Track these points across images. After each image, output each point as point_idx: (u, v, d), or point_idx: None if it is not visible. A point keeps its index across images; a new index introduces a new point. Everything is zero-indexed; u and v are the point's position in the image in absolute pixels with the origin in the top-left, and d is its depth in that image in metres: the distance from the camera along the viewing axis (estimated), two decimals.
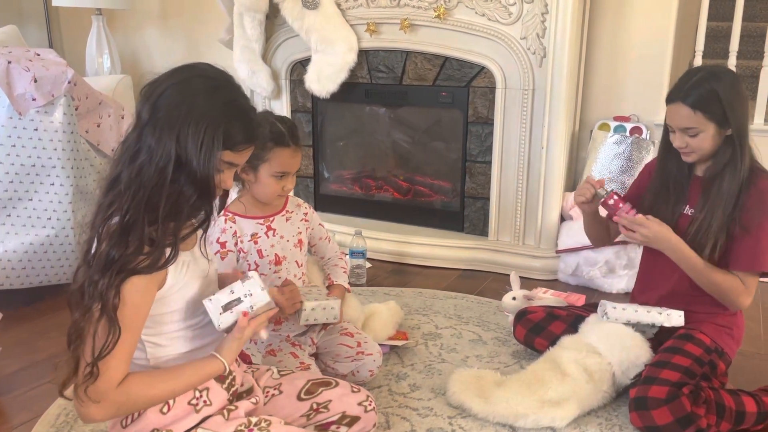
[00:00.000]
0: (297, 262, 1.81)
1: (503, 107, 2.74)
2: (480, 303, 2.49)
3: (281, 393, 1.39)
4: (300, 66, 3.15)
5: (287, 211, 1.82)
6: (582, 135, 2.99)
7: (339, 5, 2.92)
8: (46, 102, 2.24)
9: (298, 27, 2.97)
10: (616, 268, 2.58)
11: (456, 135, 2.97)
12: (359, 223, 3.05)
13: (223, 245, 1.71)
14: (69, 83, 2.28)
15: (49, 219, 2.31)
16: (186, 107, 1.11)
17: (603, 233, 1.95)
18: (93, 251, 1.11)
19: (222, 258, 1.69)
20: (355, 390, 1.44)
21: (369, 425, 1.43)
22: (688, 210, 1.75)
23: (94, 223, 1.14)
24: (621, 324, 1.73)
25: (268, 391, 1.39)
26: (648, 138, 2.80)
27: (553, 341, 1.85)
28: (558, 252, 2.73)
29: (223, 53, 3.32)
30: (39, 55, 2.36)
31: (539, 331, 1.94)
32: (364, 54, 2.98)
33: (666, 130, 1.74)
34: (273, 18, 3.11)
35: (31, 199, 2.29)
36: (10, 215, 2.29)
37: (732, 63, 2.78)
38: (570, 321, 1.90)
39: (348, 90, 3.03)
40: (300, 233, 1.83)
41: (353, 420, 1.40)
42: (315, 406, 1.39)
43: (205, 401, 1.23)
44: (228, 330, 1.24)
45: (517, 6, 2.59)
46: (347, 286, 1.93)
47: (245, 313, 1.23)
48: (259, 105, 3.27)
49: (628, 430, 1.65)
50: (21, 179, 2.27)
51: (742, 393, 1.67)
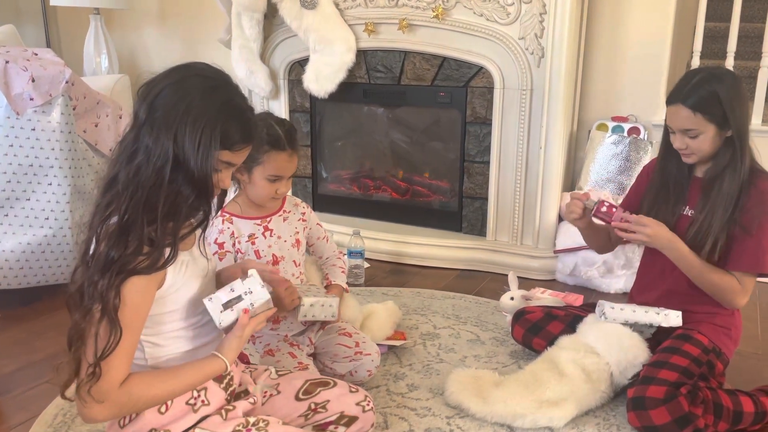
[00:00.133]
0: (294, 261, 1.81)
1: (501, 107, 2.75)
2: (478, 303, 2.49)
3: (279, 393, 1.39)
4: (298, 66, 3.15)
5: (284, 211, 1.82)
6: (580, 135, 2.99)
7: (337, 5, 2.92)
8: (43, 102, 2.23)
9: (296, 27, 2.97)
10: (614, 268, 2.59)
11: (454, 135, 2.97)
12: (357, 223, 3.05)
13: (221, 246, 1.71)
14: (67, 83, 2.28)
15: (47, 219, 2.30)
16: (183, 107, 1.11)
17: (604, 241, 1.95)
18: (91, 252, 1.11)
19: (220, 259, 1.69)
20: (354, 390, 1.44)
21: (367, 425, 1.43)
22: (687, 211, 1.75)
23: (92, 224, 1.13)
24: (619, 324, 1.73)
25: (266, 391, 1.39)
26: (646, 138, 2.80)
27: (551, 341, 1.85)
28: (556, 252, 2.73)
29: (222, 53, 3.31)
30: (37, 55, 2.35)
31: (537, 331, 1.94)
32: (362, 54, 2.98)
33: (666, 131, 1.74)
34: (271, 18, 3.10)
35: (29, 199, 2.29)
36: (7, 215, 2.29)
37: (730, 64, 2.79)
38: (568, 321, 1.90)
39: (346, 90, 3.03)
40: (297, 233, 1.83)
41: (351, 420, 1.40)
42: (313, 406, 1.38)
43: (203, 401, 1.23)
44: (228, 328, 1.24)
45: (516, 6, 2.59)
46: (345, 285, 1.93)
47: (246, 311, 1.23)
48: (258, 105, 3.27)
49: (625, 430, 1.65)
50: (18, 179, 2.26)
51: (739, 393, 1.67)
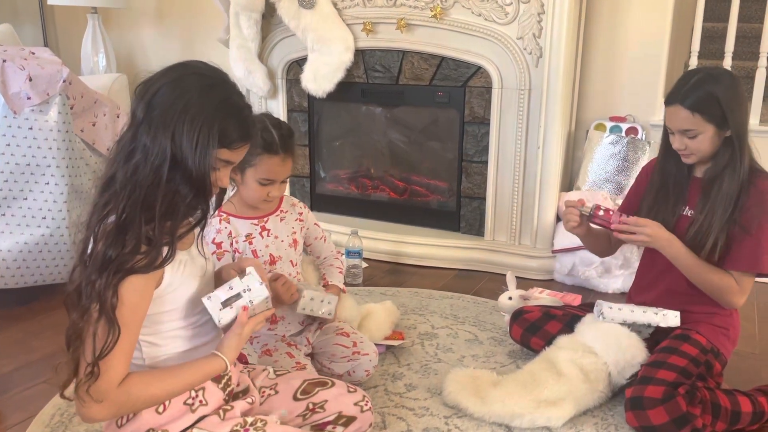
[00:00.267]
0: (291, 261, 1.81)
1: (499, 107, 2.75)
2: (476, 303, 2.49)
3: (277, 393, 1.39)
4: (296, 65, 3.15)
5: (282, 211, 1.81)
6: (578, 135, 2.99)
7: (335, 5, 2.92)
8: (41, 101, 2.23)
9: (294, 26, 2.96)
10: (612, 268, 2.59)
11: (452, 135, 2.97)
12: (355, 223, 3.05)
13: (219, 246, 1.71)
14: (64, 82, 2.27)
15: (44, 218, 2.30)
16: (181, 105, 1.11)
17: (605, 245, 1.95)
18: (89, 251, 1.11)
19: (218, 258, 1.69)
20: (352, 390, 1.44)
21: (365, 425, 1.43)
22: (687, 211, 1.75)
23: (89, 223, 1.13)
24: (617, 324, 1.73)
25: (264, 391, 1.39)
26: (644, 138, 2.80)
27: (550, 341, 1.85)
28: (554, 252, 2.73)
29: (219, 52, 3.31)
30: (34, 54, 2.35)
31: (535, 331, 1.94)
32: (360, 53, 2.97)
33: (665, 131, 1.74)
34: (269, 17, 3.10)
35: (26, 198, 2.29)
36: (4, 214, 2.28)
37: (727, 64, 2.79)
38: (566, 321, 1.90)
39: (344, 89, 3.02)
40: (295, 233, 1.83)
41: (349, 420, 1.40)
42: (311, 406, 1.38)
43: (201, 401, 1.23)
44: (227, 327, 1.24)
45: (514, 6, 2.59)
46: (342, 286, 1.92)
47: (245, 308, 1.23)
48: (256, 104, 3.26)
49: (623, 429, 1.65)
50: (16, 178, 2.26)
51: (737, 393, 1.67)
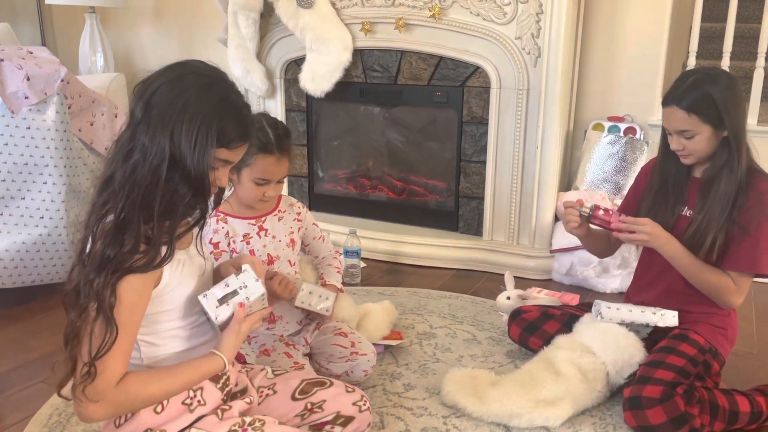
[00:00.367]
0: (289, 261, 1.81)
1: (498, 107, 2.75)
2: (474, 302, 2.49)
3: (275, 393, 1.39)
4: (294, 65, 3.15)
5: (279, 211, 1.81)
6: (576, 135, 2.99)
7: (334, 4, 2.92)
8: (38, 100, 2.22)
9: (292, 26, 2.96)
10: (610, 267, 2.59)
11: (451, 135, 2.97)
12: (354, 223, 3.05)
13: (216, 246, 1.71)
14: (62, 81, 2.27)
15: (42, 218, 2.29)
16: (179, 105, 1.10)
17: (605, 245, 1.95)
18: (88, 250, 1.11)
19: (216, 258, 1.69)
20: (350, 390, 1.44)
21: (363, 425, 1.43)
22: (686, 211, 1.75)
23: (88, 223, 1.13)
24: (615, 324, 1.74)
25: (262, 391, 1.39)
26: (642, 138, 2.81)
27: (548, 341, 1.85)
28: (552, 252, 2.73)
29: (218, 52, 3.31)
30: (32, 53, 2.34)
31: (534, 331, 1.94)
32: (358, 53, 2.97)
33: (664, 132, 1.74)
34: (267, 17, 3.10)
35: (24, 198, 2.28)
36: (2, 214, 2.28)
37: (725, 64, 2.79)
38: (564, 320, 1.90)
39: (343, 89, 3.02)
40: (293, 233, 1.83)
41: (348, 420, 1.40)
42: (309, 405, 1.38)
43: (199, 401, 1.23)
44: (224, 325, 1.24)
45: (512, 6, 2.59)
46: (340, 286, 1.92)
47: (241, 304, 1.23)
48: (254, 104, 3.26)
49: (622, 429, 1.66)
50: (13, 178, 2.26)
51: (735, 393, 1.67)
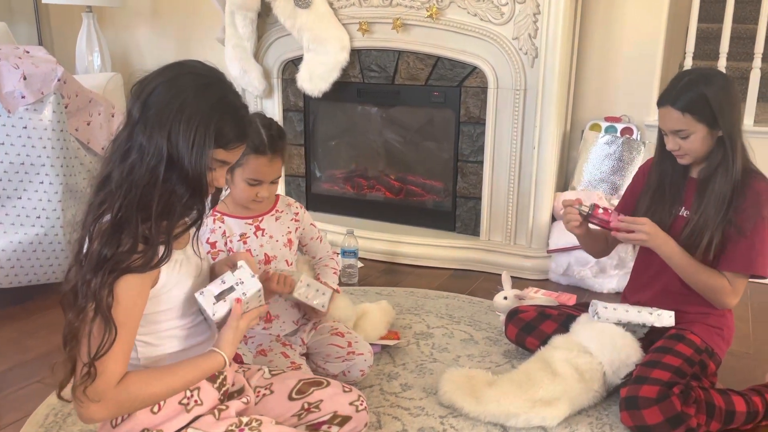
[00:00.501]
0: (287, 261, 1.81)
1: (495, 107, 2.75)
2: (471, 303, 2.49)
3: (272, 393, 1.39)
4: (292, 65, 3.14)
5: (277, 211, 1.81)
6: (573, 135, 2.99)
7: (331, 4, 2.92)
8: (35, 100, 2.22)
9: (290, 26, 2.96)
10: (607, 267, 2.59)
11: (448, 135, 2.97)
12: (351, 223, 3.05)
13: (213, 245, 1.70)
14: (59, 81, 2.26)
15: (38, 217, 2.29)
16: (177, 105, 1.10)
17: (602, 245, 1.95)
18: (85, 250, 1.11)
19: (213, 258, 1.69)
20: (347, 390, 1.44)
21: (360, 425, 1.43)
22: (683, 212, 1.75)
23: (85, 222, 1.13)
24: (612, 324, 1.74)
25: (259, 391, 1.39)
26: (639, 138, 2.81)
27: (545, 341, 1.85)
28: (549, 252, 2.74)
29: (215, 52, 3.30)
30: (29, 53, 2.34)
31: (530, 331, 1.94)
32: (356, 53, 2.97)
33: (661, 133, 1.75)
34: (265, 16, 3.10)
35: (20, 198, 2.27)
36: None
37: (722, 64, 2.80)
38: (561, 320, 1.91)
39: (340, 89, 3.02)
40: (290, 233, 1.83)
41: (345, 420, 1.40)
42: (306, 405, 1.38)
43: (196, 401, 1.23)
44: (223, 321, 1.24)
45: (509, 6, 2.60)
46: (336, 286, 1.92)
47: (239, 300, 1.23)
48: (251, 104, 3.26)
49: (618, 429, 1.66)
50: (10, 177, 2.25)
51: (731, 392, 1.68)
